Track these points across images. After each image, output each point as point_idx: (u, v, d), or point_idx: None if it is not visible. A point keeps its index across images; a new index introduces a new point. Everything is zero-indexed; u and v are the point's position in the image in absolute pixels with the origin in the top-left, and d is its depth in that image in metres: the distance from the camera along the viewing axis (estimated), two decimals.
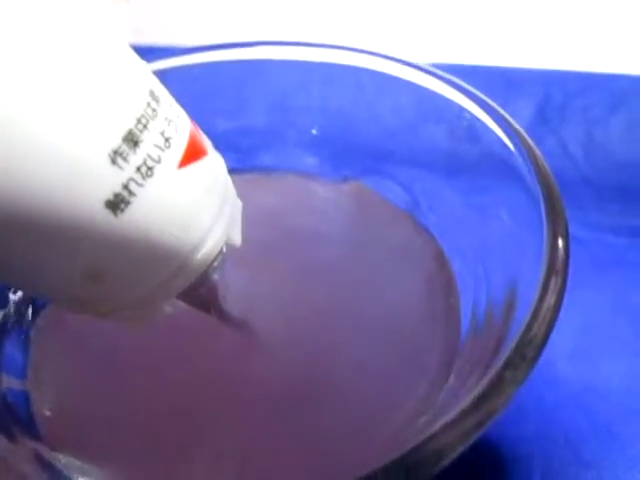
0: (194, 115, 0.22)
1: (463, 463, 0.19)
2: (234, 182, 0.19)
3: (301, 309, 0.17)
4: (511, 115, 0.16)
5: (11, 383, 0.16)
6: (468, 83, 0.17)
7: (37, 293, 0.16)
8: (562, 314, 0.25)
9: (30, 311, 0.17)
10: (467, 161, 0.17)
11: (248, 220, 0.19)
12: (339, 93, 0.20)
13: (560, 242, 0.12)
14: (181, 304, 0.13)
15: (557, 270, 0.12)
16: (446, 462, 0.09)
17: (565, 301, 0.24)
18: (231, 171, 0.22)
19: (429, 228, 0.19)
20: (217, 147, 0.20)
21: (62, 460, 0.14)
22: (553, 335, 0.24)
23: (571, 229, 0.14)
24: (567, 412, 0.21)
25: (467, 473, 0.19)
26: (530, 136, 0.15)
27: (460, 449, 0.09)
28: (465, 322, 0.16)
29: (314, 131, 0.21)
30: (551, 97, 0.31)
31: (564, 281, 0.11)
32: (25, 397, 0.16)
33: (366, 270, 0.18)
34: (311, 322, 0.17)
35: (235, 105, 0.21)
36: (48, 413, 0.15)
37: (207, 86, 0.21)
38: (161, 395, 0.16)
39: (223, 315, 0.15)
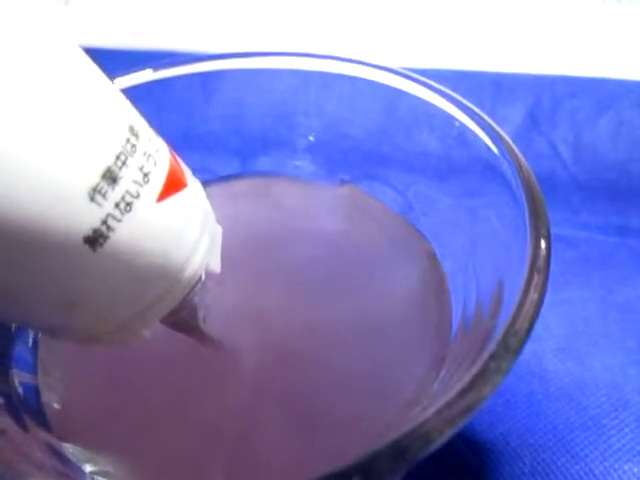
0: (195, 122, 0.23)
1: (455, 454, 0.20)
2: (233, 187, 0.20)
3: (298, 307, 0.18)
4: (502, 119, 0.16)
5: (23, 378, 0.16)
6: (460, 88, 0.18)
7: (14, 321, 0.16)
8: (552, 311, 0.25)
9: None
10: (457, 166, 0.18)
11: (247, 224, 0.19)
12: (336, 102, 0.21)
13: (542, 243, 0.13)
14: None
15: (539, 268, 0.12)
16: (434, 447, 0.10)
17: (555, 298, 0.24)
18: (230, 176, 0.23)
19: (422, 230, 0.19)
20: (217, 153, 0.21)
21: (71, 450, 0.15)
22: (543, 331, 0.25)
23: (561, 229, 0.15)
24: (556, 405, 0.21)
25: (460, 464, 0.20)
26: (521, 139, 0.15)
27: (448, 434, 0.10)
28: (456, 319, 0.16)
29: (311, 137, 0.22)
30: (541, 101, 0.31)
31: (545, 279, 0.12)
32: (36, 391, 0.16)
33: (362, 271, 0.19)
34: (307, 320, 0.17)
35: (235, 112, 0.22)
36: (56, 406, 0.16)
37: (208, 93, 0.21)
38: (163, 387, 0.16)
39: (202, 337, 0.15)
